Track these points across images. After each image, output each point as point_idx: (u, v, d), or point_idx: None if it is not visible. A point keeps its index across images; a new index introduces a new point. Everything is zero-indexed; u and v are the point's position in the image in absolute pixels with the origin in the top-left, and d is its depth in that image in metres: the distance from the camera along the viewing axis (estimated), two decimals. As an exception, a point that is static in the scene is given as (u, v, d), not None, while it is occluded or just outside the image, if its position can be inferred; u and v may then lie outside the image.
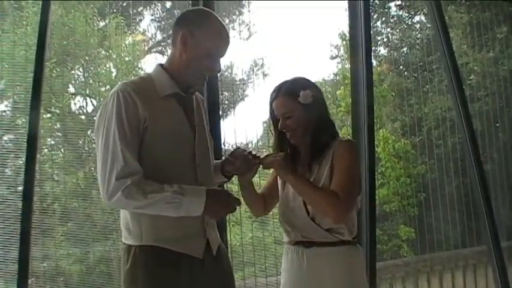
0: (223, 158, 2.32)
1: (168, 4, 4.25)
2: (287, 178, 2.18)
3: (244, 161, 2.16)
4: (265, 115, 4.13)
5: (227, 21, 4.57)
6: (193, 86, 2.05)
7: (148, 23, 4.67)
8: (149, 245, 1.90)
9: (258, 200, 2.38)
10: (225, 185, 2.60)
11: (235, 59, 4.42)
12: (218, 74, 3.34)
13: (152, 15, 4.69)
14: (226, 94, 4.53)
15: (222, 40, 1.99)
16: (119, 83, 1.94)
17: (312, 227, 2.21)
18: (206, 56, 1.96)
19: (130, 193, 1.79)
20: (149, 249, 1.89)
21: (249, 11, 4.70)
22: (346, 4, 3.91)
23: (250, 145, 4.35)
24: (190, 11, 2.16)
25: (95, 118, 3.67)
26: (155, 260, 1.89)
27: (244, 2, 4.59)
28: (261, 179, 3.04)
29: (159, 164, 1.89)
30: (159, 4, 4.33)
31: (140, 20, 4.63)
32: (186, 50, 1.95)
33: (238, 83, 4.61)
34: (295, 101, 2.19)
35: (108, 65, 4.02)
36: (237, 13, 4.70)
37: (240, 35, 4.43)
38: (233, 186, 3.80)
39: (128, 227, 1.94)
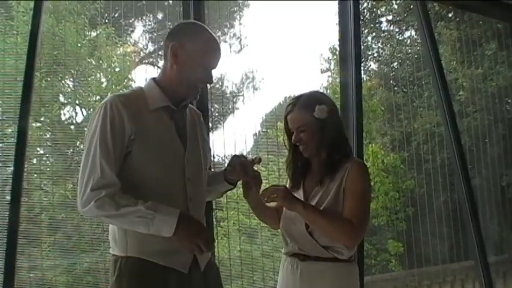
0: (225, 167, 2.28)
1: (160, 16, 4.26)
2: (295, 209, 2.14)
3: (242, 167, 2.13)
4: (256, 128, 4.11)
5: (218, 33, 4.58)
6: (186, 98, 2.02)
7: (140, 34, 4.68)
8: (135, 256, 1.88)
9: (271, 215, 2.38)
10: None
11: (226, 71, 4.50)
12: (208, 86, 3.32)
13: (144, 26, 4.71)
14: (217, 106, 4.55)
15: (213, 51, 1.99)
16: (110, 94, 1.95)
17: (309, 241, 2.19)
18: (197, 67, 1.95)
19: (103, 204, 1.79)
20: (135, 261, 1.88)
21: (240, 23, 4.72)
22: (336, 19, 3.94)
23: None
24: (181, 24, 2.17)
25: (85, 129, 3.70)
26: (140, 272, 1.87)
27: (235, 15, 4.61)
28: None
29: (147, 176, 1.89)
30: (150, 15, 4.34)
31: (132, 31, 4.65)
32: (177, 61, 1.94)
33: (228, 95, 4.62)
34: (311, 115, 2.19)
35: (98, 76, 4.02)
36: (228, 26, 4.72)
37: (231, 47, 4.46)
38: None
39: (115, 238, 1.93)
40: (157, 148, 1.91)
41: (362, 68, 4.16)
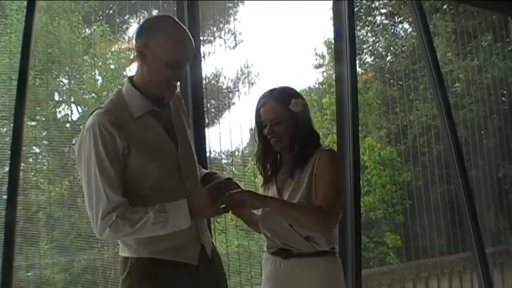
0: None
1: (155, 12, 4.24)
2: (267, 205, 2.14)
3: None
4: (252, 123, 4.13)
5: (213, 29, 4.57)
6: (161, 95, 2.00)
7: (134, 31, 4.66)
8: (146, 257, 1.92)
9: (252, 218, 2.37)
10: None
11: (221, 67, 4.48)
12: (204, 82, 3.32)
13: (139, 23, 4.68)
14: (213, 102, 4.56)
15: (180, 47, 1.92)
16: (94, 112, 1.91)
17: (290, 233, 2.21)
18: (166, 66, 1.90)
19: (118, 227, 1.83)
20: (146, 260, 1.93)
21: (235, 19, 4.72)
22: (331, 13, 3.95)
23: (237, 152, 4.38)
24: (146, 21, 2.05)
25: (80, 127, 3.69)
26: (151, 271, 1.92)
27: (230, 11, 4.60)
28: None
29: (147, 182, 1.91)
30: (145, 12, 4.32)
31: (127, 28, 4.63)
32: (145, 62, 1.92)
33: (224, 91, 4.61)
34: (286, 108, 2.21)
35: (93, 73, 3.99)
36: (223, 22, 4.71)
37: (225, 43, 4.45)
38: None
39: (125, 241, 1.97)
40: (151, 154, 1.92)
41: (357, 61, 4.18)
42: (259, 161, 2.34)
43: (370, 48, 5.85)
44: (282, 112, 2.21)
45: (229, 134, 3.84)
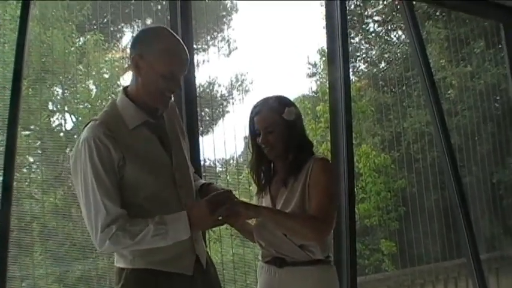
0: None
1: (149, 21, 4.25)
2: (259, 214, 2.16)
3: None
4: (246, 131, 4.13)
5: (208, 38, 4.58)
6: (156, 106, 1.99)
7: (129, 40, 4.67)
8: (141, 268, 1.92)
9: (247, 227, 2.37)
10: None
11: (215, 75, 4.49)
12: (198, 90, 3.32)
13: (132, 32, 4.69)
14: (207, 110, 4.56)
15: (174, 59, 1.92)
16: (88, 125, 1.92)
17: (285, 241, 2.20)
18: (160, 78, 1.90)
19: (118, 239, 1.83)
20: (141, 271, 1.92)
21: (229, 27, 4.73)
22: (324, 22, 3.95)
23: (231, 161, 4.37)
24: (141, 31, 2.06)
25: (75, 136, 3.69)
26: (146, 282, 1.92)
27: (224, 19, 4.60)
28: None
29: (142, 193, 1.91)
30: (139, 21, 4.33)
31: (121, 37, 4.63)
32: (140, 73, 1.91)
33: (219, 99, 4.61)
34: (280, 117, 2.22)
35: (87, 82, 3.99)
36: (217, 30, 4.71)
37: (219, 51, 4.46)
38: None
39: (120, 252, 1.97)
40: (146, 165, 1.92)
41: (351, 69, 4.22)
42: (253, 170, 2.34)
43: (364, 55, 5.88)
44: (276, 120, 2.21)
45: (224, 142, 3.83)
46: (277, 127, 2.22)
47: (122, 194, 1.89)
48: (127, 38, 4.69)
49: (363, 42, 5.81)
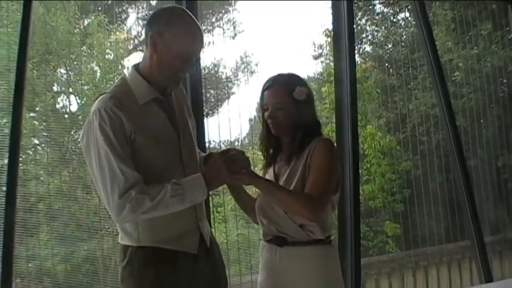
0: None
1: (154, 2, 4.23)
2: (257, 183, 2.17)
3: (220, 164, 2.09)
4: (252, 113, 4.14)
5: (213, 19, 4.56)
6: (167, 85, 2.02)
7: (133, 21, 4.65)
8: (146, 246, 1.94)
9: (251, 205, 2.37)
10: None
11: (221, 57, 4.44)
12: (203, 72, 3.38)
13: (137, 13, 4.67)
14: (212, 92, 4.55)
15: (193, 41, 1.95)
16: (98, 98, 1.93)
17: (286, 220, 2.22)
18: (176, 58, 1.93)
19: (137, 204, 1.83)
20: (147, 249, 1.94)
21: (235, 9, 4.71)
22: (330, 3, 3.94)
23: (236, 143, 4.36)
24: (161, 10, 2.07)
25: (79, 117, 3.70)
26: (151, 259, 1.93)
27: (230, 0, 4.58)
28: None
29: (149, 170, 1.91)
30: (144, 2, 4.31)
31: (125, 18, 4.61)
32: (156, 51, 1.93)
33: (224, 80, 4.61)
34: (290, 95, 2.21)
35: (91, 64, 3.98)
36: (223, 11, 4.69)
37: (224, 33, 4.43)
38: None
39: (125, 229, 1.98)
40: (154, 141, 1.93)
41: (356, 50, 4.21)
42: (262, 143, 2.36)
43: (370, 37, 5.85)
44: (285, 98, 2.22)
45: (229, 124, 3.84)
46: (285, 105, 2.22)
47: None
48: (131, 19, 4.68)
49: (368, 23, 5.76)
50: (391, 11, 5.85)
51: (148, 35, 1.93)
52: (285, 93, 2.22)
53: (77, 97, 3.91)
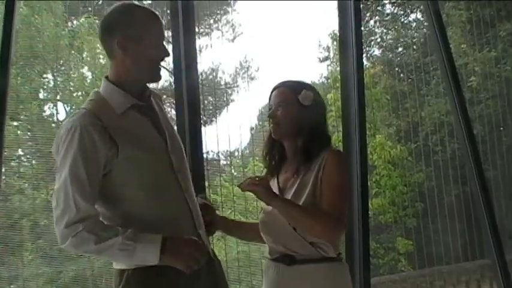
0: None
1: (147, 3, 4.16)
2: (273, 204, 2.11)
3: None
4: (252, 121, 4.05)
5: (211, 21, 4.53)
6: (151, 81, 1.99)
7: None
8: (143, 266, 1.84)
9: (253, 232, 2.30)
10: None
11: (219, 61, 4.45)
12: (200, 78, 3.31)
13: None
14: (211, 99, 4.57)
15: (153, 22, 1.93)
16: (75, 114, 1.85)
17: (295, 237, 2.13)
18: (150, 47, 1.88)
19: (81, 240, 1.76)
20: (143, 270, 1.84)
21: (234, 10, 4.71)
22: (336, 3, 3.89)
23: (236, 153, 4.36)
24: (108, 16, 1.99)
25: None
26: (149, 281, 1.86)
27: (229, 1, 4.55)
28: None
29: (139, 181, 1.85)
30: (136, 2, 4.19)
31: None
32: (127, 54, 1.88)
33: (222, 87, 4.59)
34: (295, 97, 2.19)
35: (80, 69, 3.99)
36: (221, 13, 4.69)
37: (223, 36, 4.42)
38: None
39: None
40: (142, 149, 1.86)
41: (364, 54, 4.20)
42: (265, 150, 2.31)
43: (379, 40, 5.87)
44: (290, 98, 2.20)
45: (228, 133, 3.79)
46: (288, 105, 2.19)
47: (111, 188, 1.82)
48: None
49: (377, 25, 5.81)
50: (401, 12, 5.88)
51: (113, 43, 1.87)
52: (290, 94, 2.21)
53: (65, 105, 3.89)
